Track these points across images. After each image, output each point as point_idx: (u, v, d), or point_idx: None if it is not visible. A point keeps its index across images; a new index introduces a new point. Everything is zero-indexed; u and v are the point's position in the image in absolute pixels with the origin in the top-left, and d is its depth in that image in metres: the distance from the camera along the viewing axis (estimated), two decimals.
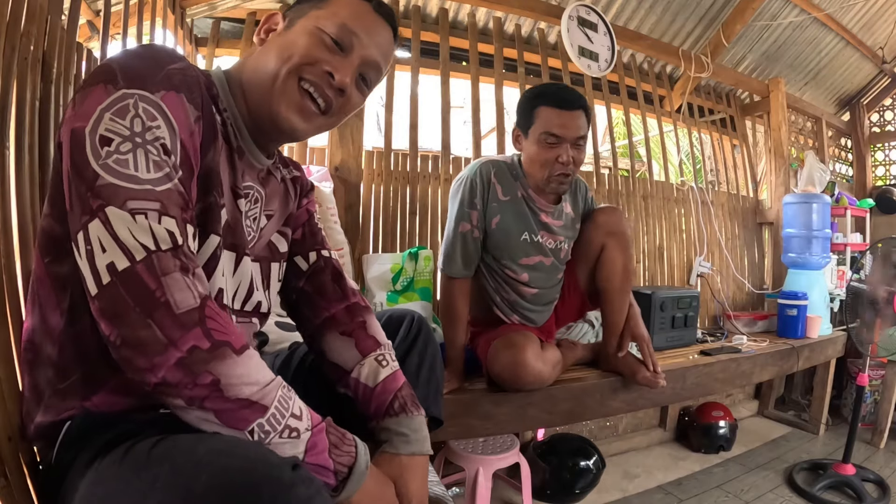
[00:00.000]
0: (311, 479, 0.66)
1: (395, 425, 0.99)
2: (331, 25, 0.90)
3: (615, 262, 1.98)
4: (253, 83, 0.92)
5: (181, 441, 0.67)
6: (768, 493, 2.44)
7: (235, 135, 0.93)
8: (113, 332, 0.67)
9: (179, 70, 0.79)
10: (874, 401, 3.27)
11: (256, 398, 0.71)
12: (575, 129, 1.76)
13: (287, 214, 1.10)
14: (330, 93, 0.92)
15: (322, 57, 0.90)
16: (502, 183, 1.90)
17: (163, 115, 0.74)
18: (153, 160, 0.72)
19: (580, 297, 2.15)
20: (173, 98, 0.76)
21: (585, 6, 2.93)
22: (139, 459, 0.67)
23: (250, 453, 0.65)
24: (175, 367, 0.66)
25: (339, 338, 1.07)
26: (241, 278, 0.95)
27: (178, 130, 0.76)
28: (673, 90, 3.67)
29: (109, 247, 0.67)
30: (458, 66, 2.91)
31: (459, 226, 1.88)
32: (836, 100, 4.86)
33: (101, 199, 0.68)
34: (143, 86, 0.74)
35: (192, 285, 0.70)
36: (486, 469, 2.01)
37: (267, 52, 0.92)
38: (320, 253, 1.16)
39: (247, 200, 0.96)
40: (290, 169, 1.14)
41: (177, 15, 2.25)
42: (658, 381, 1.94)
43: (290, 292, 1.14)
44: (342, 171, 2.31)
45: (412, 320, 1.19)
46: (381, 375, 1.02)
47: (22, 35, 1.19)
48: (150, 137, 0.72)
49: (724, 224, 3.68)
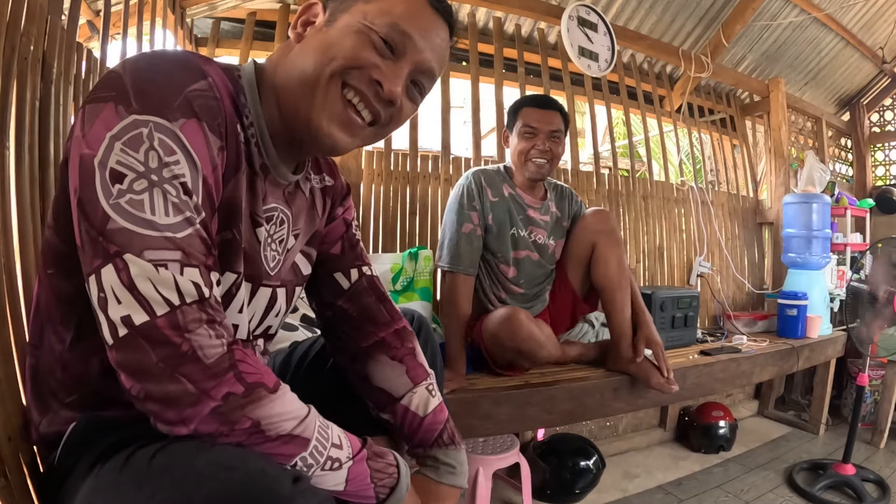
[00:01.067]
0: (312, 492, 0.67)
1: (444, 455, 1.01)
2: (381, 23, 0.79)
3: (608, 258, 2.02)
4: (288, 87, 0.81)
5: (181, 450, 0.65)
6: (768, 493, 2.44)
7: (260, 153, 0.84)
8: (135, 387, 0.63)
9: (201, 93, 0.70)
10: (874, 401, 3.27)
11: (298, 431, 0.69)
12: (549, 124, 2.04)
13: (312, 232, 1.02)
14: (378, 105, 0.82)
15: (370, 61, 0.79)
16: (491, 186, 2.10)
17: (182, 148, 0.66)
18: (172, 202, 0.65)
19: (572, 297, 2.17)
20: (194, 128, 0.68)
21: (585, 6, 2.94)
22: (139, 469, 0.65)
23: (250, 466, 0.63)
24: (209, 417, 0.63)
25: (389, 363, 1.04)
26: (254, 309, 0.91)
27: (201, 166, 0.68)
28: (673, 90, 3.67)
29: (125, 300, 0.61)
30: (458, 66, 2.92)
31: (462, 227, 2.02)
32: (836, 100, 4.86)
33: (115, 245, 0.62)
34: (158, 111, 0.66)
35: (220, 335, 0.65)
36: (486, 469, 2.00)
37: (305, 51, 0.81)
38: (361, 270, 1.09)
39: (270, 225, 0.89)
40: (323, 176, 1.06)
41: (177, 15, 2.26)
42: (671, 387, 1.95)
43: (327, 309, 1.08)
44: (342, 170, 2.30)
45: (412, 319, 1.18)
46: (431, 406, 1.02)
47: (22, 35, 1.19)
48: (167, 175, 0.65)
49: (724, 224, 3.68)
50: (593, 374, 2.08)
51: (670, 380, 1.96)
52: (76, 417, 0.78)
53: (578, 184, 3.04)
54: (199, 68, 0.72)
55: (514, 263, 2.12)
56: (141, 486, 0.64)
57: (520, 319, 1.84)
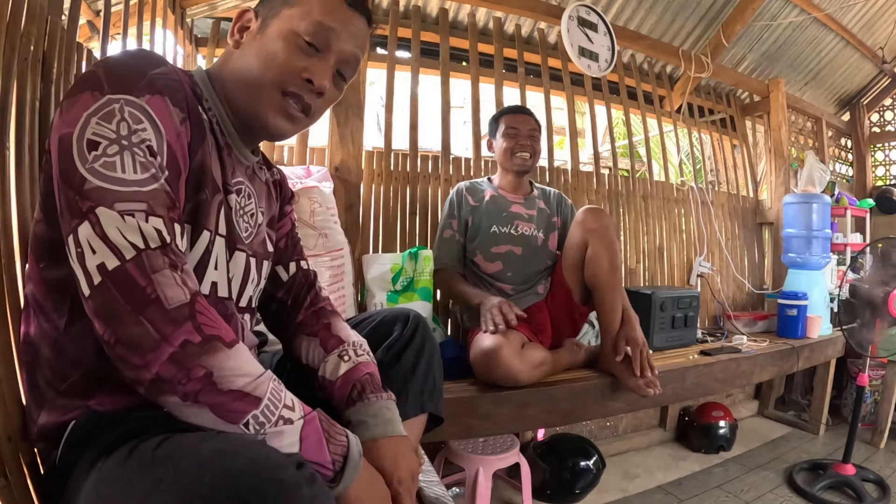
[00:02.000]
0: (314, 478, 0.66)
1: (354, 414, 0.98)
2: (304, 25, 0.91)
3: (600, 257, 2.01)
4: (236, 88, 0.93)
5: (184, 441, 0.67)
6: (768, 493, 2.44)
7: (222, 132, 0.94)
8: (107, 332, 0.68)
9: (162, 74, 0.80)
10: (874, 401, 3.27)
11: (249, 389, 0.71)
12: (526, 124, 2.30)
13: (272, 216, 1.12)
14: (309, 99, 0.94)
15: (300, 64, 0.91)
16: (471, 194, 2.34)
17: (148, 118, 0.76)
18: (139, 161, 0.73)
19: (568, 301, 2.16)
20: (158, 101, 0.77)
21: (585, 6, 2.94)
22: (143, 460, 0.67)
23: (254, 453, 0.64)
24: (168, 362, 0.67)
25: (306, 339, 1.10)
26: (234, 271, 0.96)
27: (165, 132, 0.77)
28: (673, 90, 3.67)
29: (99, 248, 0.68)
30: (458, 66, 2.92)
31: (444, 232, 2.31)
32: (836, 100, 4.86)
33: (89, 201, 0.69)
34: (128, 90, 0.75)
35: (182, 282, 0.71)
36: (486, 469, 2.01)
37: (245, 56, 0.93)
38: (299, 264, 1.19)
39: (239, 197, 0.97)
40: (274, 171, 1.17)
41: (177, 15, 2.26)
42: (645, 390, 1.91)
43: (272, 303, 1.16)
44: (342, 171, 2.31)
45: (407, 318, 1.18)
46: (342, 369, 1.01)
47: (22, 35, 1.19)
48: (136, 140, 0.74)
49: (724, 224, 3.68)
50: (593, 375, 2.08)
51: (648, 379, 1.92)
52: (72, 406, 0.80)
53: (578, 184, 3.04)
54: (160, 58, 0.84)
55: (497, 258, 2.24)
56: (145, 476, 0.65)
57: (497, 358, 1.81)
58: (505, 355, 1.81)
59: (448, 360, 1.94)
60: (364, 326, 1.19)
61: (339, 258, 2.04)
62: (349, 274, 2.11)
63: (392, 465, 0.91)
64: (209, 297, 0.89)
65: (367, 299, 2.20)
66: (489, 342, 1.84)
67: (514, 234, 2.25)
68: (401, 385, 1.08)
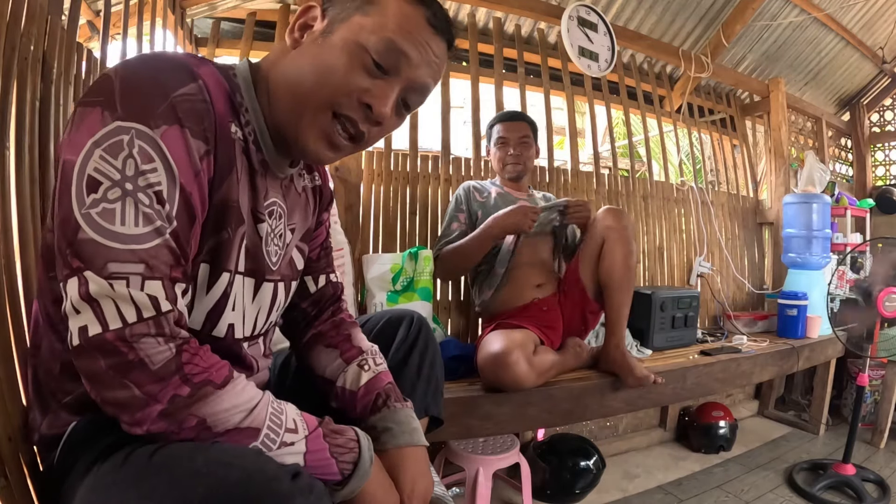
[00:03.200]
0: (310, 488, 0.66)
1: (379, 421, 0.97)
2: (375, 41, 0.78)
3: (615, 254, 2.05)
4: (282, 96, 0.83)
5: (180, 449, 0.66)
6: (768, 493, 2.44)
7: (259, 149, 0.85)
8: (93, 392, 0.66)
9: (186, 97, 0.70)
10: (874, 401, 3.27)
11: (247, 423, 0.70)
12: (516, 132, 2.37)
13: (306, 228, 1.04)
14: (364, 127, 0.83)
15: (360, 86, 0.79)
16: (478, 191, 2.38)
17: (161, 156, 0.67)
18: (143, 212, 0.66)
19: (582, 297, 2.17)
20: (175, 135, 0.69)
21: (585, 6, 2.94)
22: (138, 467, 0.66)
23: (248, 464, 0.64)
24: (158, 419, 0.65)
25: (324, 350, 1.07)
26: (260, 304, 0.92)
27: (179, 174, 0.69)
28: (673, 90, 3.67)
29: (84, 311, 0.63)
30: (458, 66, 2.92)
31: (451, 225, 2.32)
32: (836, 100, 4.86)
33: (79, 259, 0.64)
34: (141, 118, 0.67)
35: (168, 340, 0.66)
36: (487, 469, 2.00)
37: (301, 61, 0.81)
38: (329, 277, 1.15)
39: (271, 220, 0.90)
40: (314, 176, 1.07)
41: (177, 15, 2.25)
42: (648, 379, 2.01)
43: (292, 310, 1.11)
44: (342, 171, 2.31)
45: (412, 321, 1.17)
46: (364, 379, 1.00)
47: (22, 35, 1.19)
48: (142, 184, 0.66)
49: (724, 224, 3.68)
50: (593, 375, 2.09)
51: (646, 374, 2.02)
52: (75, 419, 0.78)
53: (578, 184, 3.04)
54: (191, 71, 0.73)
55: (511, 240, 2.24)
56: (139, 484, 0.64)
57: (507, 365, 1.80)
58: (514, 362, 1.80)
59: (448, 359, 1.95)
60: (369, 328, 1.18)
61: (339, 258, 2.04)
62: (349, 274, 2.12)
63: (410, 481, 0.91)
64: (224, 339, 0.86)
65: (368, 299, 2.20)
66: (499, 345, 1.83)
67: None
68: (408, 388, 1.08)
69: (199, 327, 0.81)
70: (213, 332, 0.83)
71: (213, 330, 0.83)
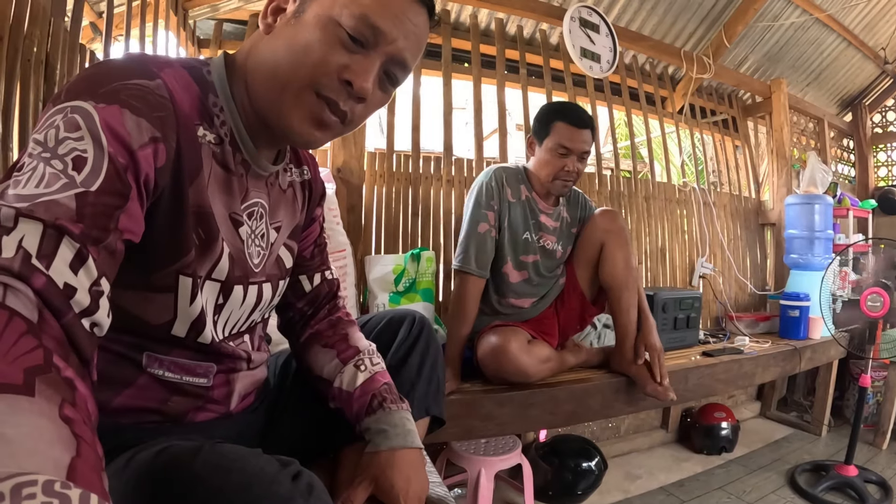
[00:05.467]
0: (310, 489, 0.65)
1: (374, 423, 0.95)
2: (348, 16, 0.73)
3: (615, 257, 2.03)
4: (261, 83, 0.78)
5: (180, 453, 0.66)
6: (770, 494, 2.44)
7: (238, 149, 0.82)
8: None
9: (137, 86, 0.65)
10: (876, 402, 3.27)
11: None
12: (582, 144, 1.99)
13: (294, 226, 1.00)
14: (347, 106, 0.78)
15: (339, 61, 0.75)
16: (511, 186, 2.06)
17: (90, 124, 0.60)
18: (50, 173, 0.56)
19: (581, 300, 2.17)
20: (113, 111, 0.62)
21: (587, 7, 2.94)
22: (139, 473, 0.66)
23: (248, 466, 0.63)
24: None
25: (321, 350, 1.05)
26: (245, 307, 0.89)
27: (107, 144, 0.60)
28: (675, 91, 3.68)
29: None
30: (460, 67, 2.91)
31: (478, 226, 1.99)
32: (839, 100, 4.86)
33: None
34: (78, 97, 0.61)
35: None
36: (488, 470, 2.01)
37: (275, 44, 0.77)
38: (324, 274, 1.12)
39: (251, 221, 0.86)
40: (303, 170, 1.03)
41: (179, 16, 2.26)
42: (667, 394, 1.94)
43: (288, 311, 1.10)
44: (344, 172, 2.31)
45: (413, 320, 1.17)
46: (360, 380, 0.98)
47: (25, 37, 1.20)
48: (61, 151, 0.57)
49: (726, 225, 3.68)
50: (595, 376, 2.09)
51: (665, 387, 1.95)
52: None
53: (580, 185, 3.03)
54: (149, 70, 0.69)
55: (524, 267, 2.09)
56: (141, 490, 0.64)
57: (508, 354, 1.84)
58: (513, 349, 1.84)
59: None
60: (370, 328, 1.18)
61: (342, 259, 2.05)
62: (351, 275, 2.12)
63: (404, 482, 0.90)
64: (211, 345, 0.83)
65: (370, 300, 2.20)
66: (497, 338, 1.87)
67: (538, 244, 2.11)
68: (408, 388, 1.07)
69: (183, 335, 0.79)
70: (199, 339, 0.81)
71: (198, 337, 0.81)
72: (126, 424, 0.77)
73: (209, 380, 0.85)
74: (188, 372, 0.83)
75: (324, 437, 1.05)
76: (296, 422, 1.05)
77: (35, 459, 0.38)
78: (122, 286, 0.65)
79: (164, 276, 0.74)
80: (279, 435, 1.01)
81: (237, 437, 0.86)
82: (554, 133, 1.98)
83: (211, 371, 0.85)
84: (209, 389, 0.86)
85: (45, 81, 1.28)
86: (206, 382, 0.85)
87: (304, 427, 1.04)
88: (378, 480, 0.89)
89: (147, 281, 0.74)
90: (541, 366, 1.91)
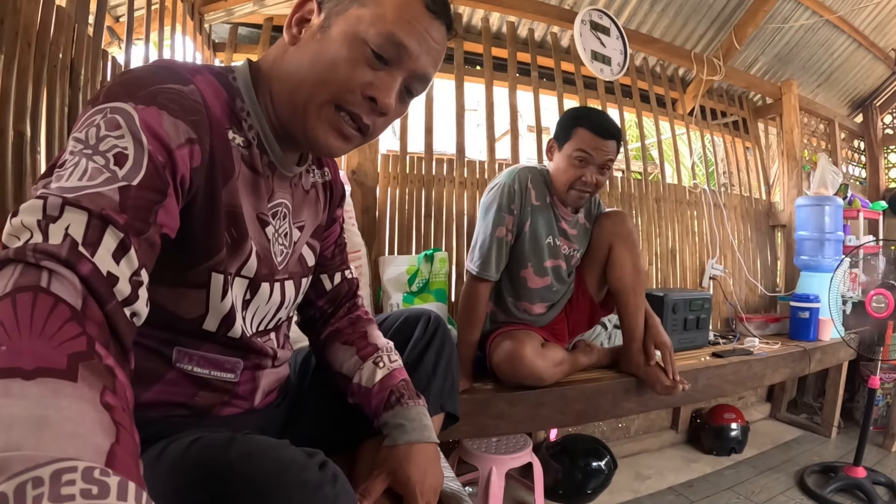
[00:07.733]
0: (335, 477, 0.67)
1: (392, 417, 0.98)
2: (374, 34, 0.76)
3: (624, 260, 2.02)
4: (285, 94, 0.81)
5: (213, 443, 0.68)
6: (779, 495, 2.45)
7: (265, 151, 0.85)
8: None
9: (173, 90, 0.68)
10: (886, 404, 3.27)
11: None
12: (604, 154, 1.89)
13: (316, 225, 1.03)
14: (368, 119, 0.81)
15: (363, 79, 0.78)
16: (536, 188, 1.99)
17: (130, 123, 0.62)
18: (93, 167, 0.59)
19: (590, 303, 2.18)
20: (152, 112, 0.65)
21: (598, 10, 2.95)
22: (173, 462, 0.68)
23: (278, 455, 0.65)
24: None
25: (342, 348, 1.08)
26: (270, 304, 0.92)
27: (147, 142, 0.62)
28: (685, 93, 3.68)
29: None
30: (472, 70, 2.93)
31: (497, 230, 1.94)
32: (849, 101, 4.84)
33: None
34: (118, 99, 0.64)
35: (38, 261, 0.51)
36: (499, 468, 2.03)
37: (300, 58, 0.80)
38: (344, 274, 1.15)
39: (276, 220, 0.89)
40: (325, 171, 1.06)
41: (195, 21, 2.29)
42: (676, 388, 1.95)
43: (309, 309, 1.13)
44: (359, 174, 2.34)
45: (429, 319, 1.19)
46: (378, 376, 1.01)
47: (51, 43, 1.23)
48: (103, 148, 0.60)
49: (736, 226, 3.68)
50: (606, 376, 2.11)
51: (677, 382, 1.96)
52: None
53: None
54: (183, 76, 0.72)
55: (546, 273, 2.04)
56: (175, 478, 0.66)
57: (522, 357, 1.85)
58: (528, 354, 1.85)
59: None
60: (387, 326, 1.20)
61: (357, 260, 2.07)
62: (366, 275, 2.15)
63: (420, 475, 0.93)
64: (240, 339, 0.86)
65: (384, 300, 2.23)
66: (510, 344, 1.88)
67: (560, 249, 2.07)
68: (423, 385, 1.09)
69: (214, 329, 0.83)
70: (230, 334, 0.84)
71: (228, 332, 0.84)
72: (155, 417, 0.80)
73: (236, 375, 0.88)
74: (216, 367, 0.85)
75: (343, 431, 1.07)
76: (316, 417, 1.07)
77: (76, 444, 0.40)
78: (158, 283, 0.67)
79: (198, 274, 0.77)
80: (300, 429, 1.04)
81: (260, 431, 0.88)
82: (574, 139, 1.90)
83: (238, 367, 0.88)
84: (235, 385, 0.89)
85: (70, 86, 1.31)
86: (233, 378, 0.88)
87: (324, 422, 1.07)
88: (395, 473, 0.92)
89: (182, 278, 0.77)
90: (555, 369, 1.93)
